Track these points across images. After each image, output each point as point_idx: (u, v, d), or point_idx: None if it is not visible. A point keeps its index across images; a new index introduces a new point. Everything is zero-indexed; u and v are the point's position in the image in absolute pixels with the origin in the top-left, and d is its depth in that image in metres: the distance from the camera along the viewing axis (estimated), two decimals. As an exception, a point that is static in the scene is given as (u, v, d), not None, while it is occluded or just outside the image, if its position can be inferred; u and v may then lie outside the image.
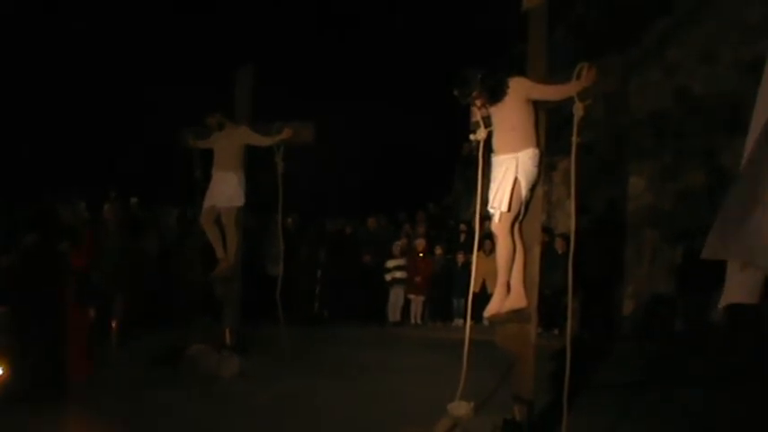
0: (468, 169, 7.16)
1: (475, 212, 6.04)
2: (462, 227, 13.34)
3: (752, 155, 2.49)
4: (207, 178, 8.31)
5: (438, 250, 13.01)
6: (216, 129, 8.26)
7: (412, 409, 6.60)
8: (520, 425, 5.63)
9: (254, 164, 8.45)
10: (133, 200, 12.00)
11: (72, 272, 7.32)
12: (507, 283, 5.68)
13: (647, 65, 12.27)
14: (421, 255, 12.84)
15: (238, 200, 8.16)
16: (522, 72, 5.69)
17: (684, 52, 12.09)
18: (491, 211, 5.59)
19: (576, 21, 13.29)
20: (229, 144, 8.16)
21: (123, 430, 6.12)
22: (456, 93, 5.56)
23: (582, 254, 5.81)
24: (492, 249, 5.82)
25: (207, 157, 8.43)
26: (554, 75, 5.65)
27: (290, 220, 12.62)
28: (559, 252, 10.80)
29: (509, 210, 5.43)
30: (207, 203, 8.22)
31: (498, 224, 5.52)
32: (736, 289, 2.50)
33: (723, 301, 2.56)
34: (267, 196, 8.43)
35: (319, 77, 17.33)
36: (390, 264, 12.79)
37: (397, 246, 12.92)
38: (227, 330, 8.47)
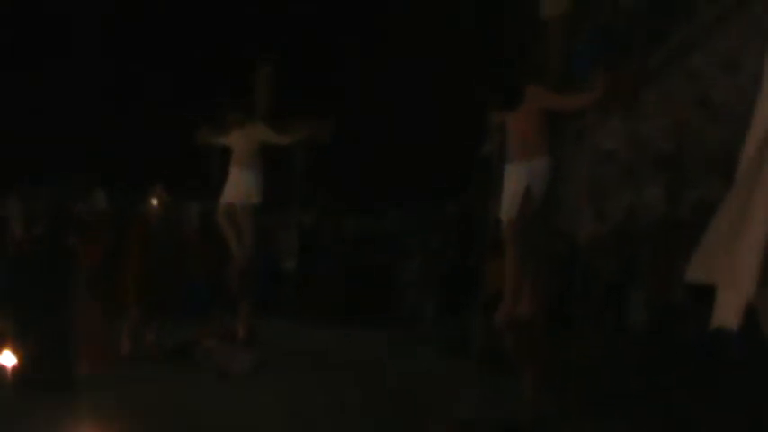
0: (484, 173, 7.20)
1: (489, 216, 6.08)
2: (477, 230, 13.30)
3: (744, 173, 2.48)
4: (224, 174, 8.38)
5: (451, 252, 13.00)
6: (234, 126, 8.31)
7: (421, 410, 6.61)
8: (528, 430, 5.64)
9: (272, 159, 8.51)
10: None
11: (83, 266, 7.35)
12: (518, 287, 5.70)
13: (669, 72, 12.20)
14: (435, 254, 12.84)
15: (255, 197, 8.22)
16: (538, 79, 5.71)
17: (707, 60, 12.02)
18: (502, 217, 5.62)
19: (600, 27, 13.24)
20: (247, 142, 8.22)
21: (134, 423, 6.16)
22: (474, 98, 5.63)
23: (597, 260, 5.84)
24: (504, 253, 5.84)
25: (225, 153, 8.50)
26: (574, 82, 5.67)
27: (306, 215, 12.68)
28: (572, 258, 10.78)
29: (520, 216, 5.46)
30: (223, 200, 8.29)
31: (509, 230, 5.55)
32: (722, 312, 2.50)
33: (713, 323, 2.55)
34: (284, 191, 8.46)
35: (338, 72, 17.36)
36: (405, 263, 12.80)
37: (413, 245, 12.93)
38: (242, 325, 8.53)
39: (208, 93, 10.62)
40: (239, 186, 8.21)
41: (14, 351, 7.00)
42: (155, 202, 9.22)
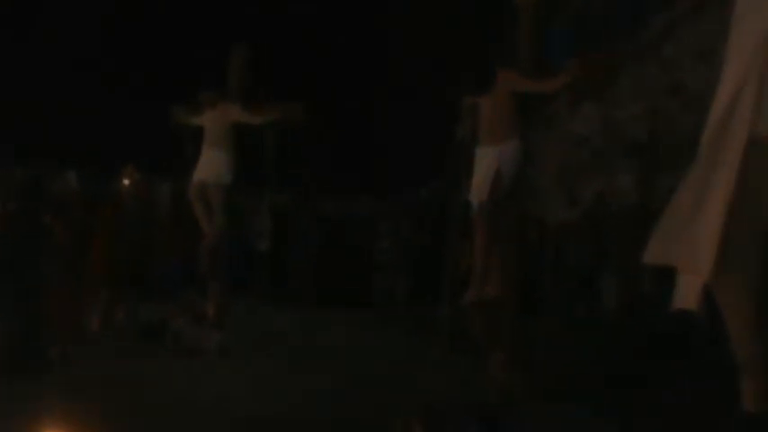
0: (457, 156, 7.22)
1: (460, 200, 6.11)
2: (448, 214, 13.33)
3: (703, 155, 2.50)
4: (197, 154, 8.38)
5: (422, 236, 13.03)
6: (208, 106, 8.31)
7: (395, 395, 6.61)
8: (496, 411, 5.68)
9: (245, 141, 8.51)
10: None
11: (57, 246, 7.32)
12: (486, 269, 5.74)
13: (643, 60, 12.26)
14: (407, 238, 12.88)
15: (227, 176, 8.23)
16: (511, 62, 5.74)
17: (681, 48, 12.08)
18: (473, 199, 5.66)
19: (575, 13, 13.27)
20: (220, 122, 8.23)
21: (105, 403, 6.14)
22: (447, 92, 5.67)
23: (568, 245, 5.87)
24: (475, 236, 5.88)
25: (198, 132, 8.49)
26: (550, 66, 5.70)
27: (279, 198, 12.68)
28: (542, 241, 10.84)
29: (489, 199, 5.50)
30: (195, 179, 8.29)
31: (479, 213, 5.59)
32: (683, 294, 2.52)
33: (673, 305, 2.58)
34: (257, 173, 8.46)
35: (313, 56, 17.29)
36: (378, 245, 12.84)
37: (385, 229, 12.97)
38: (212, 306, 8.52)
39: (184, 75, 10.58)
40: (211, 165, 8.22)
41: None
42: (126, 181, 9.18)
